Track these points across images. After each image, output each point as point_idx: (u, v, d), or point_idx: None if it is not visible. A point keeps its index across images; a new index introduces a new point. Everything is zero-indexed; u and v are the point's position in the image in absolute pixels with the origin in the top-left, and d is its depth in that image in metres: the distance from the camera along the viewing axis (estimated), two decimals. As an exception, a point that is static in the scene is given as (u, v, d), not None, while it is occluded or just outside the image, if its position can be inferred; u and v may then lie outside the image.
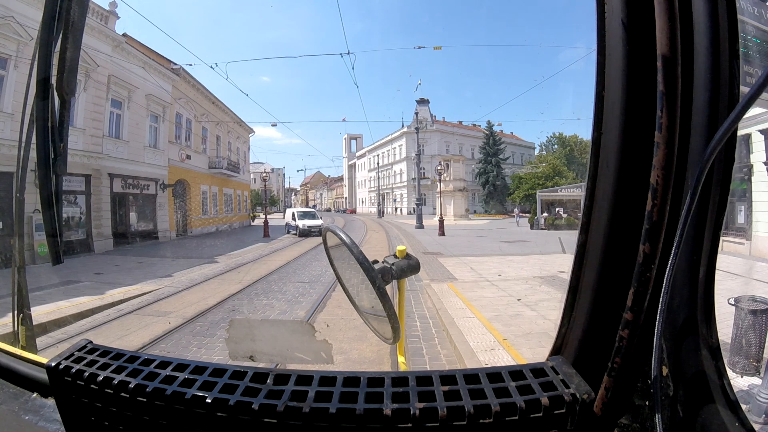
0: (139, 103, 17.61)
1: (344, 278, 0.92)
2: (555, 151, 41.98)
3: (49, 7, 0.90)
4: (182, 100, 21.55)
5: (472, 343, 4.69)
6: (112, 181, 15.71)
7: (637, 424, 0.55)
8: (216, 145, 25.89)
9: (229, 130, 28.10)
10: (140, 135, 17.84)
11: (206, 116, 24.33)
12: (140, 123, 17.85)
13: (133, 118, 17.21)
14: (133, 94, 17.08)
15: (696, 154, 0.53)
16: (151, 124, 18.82)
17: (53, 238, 0.95)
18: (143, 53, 17.81)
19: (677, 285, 0.54)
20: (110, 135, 15.88)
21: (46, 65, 0.91)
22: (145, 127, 18.32)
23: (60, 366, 0.68)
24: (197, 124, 23.41)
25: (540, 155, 43.26)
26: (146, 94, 18.08)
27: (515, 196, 37.91)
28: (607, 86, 0.58)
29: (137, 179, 17.38)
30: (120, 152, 16.24)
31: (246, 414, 0.55)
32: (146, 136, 18.37)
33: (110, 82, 15.61)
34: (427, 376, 0.59)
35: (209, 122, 24.76)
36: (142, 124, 18.06)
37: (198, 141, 23.63)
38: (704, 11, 0.52)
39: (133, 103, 17.16)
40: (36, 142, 0.93)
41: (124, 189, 16.61)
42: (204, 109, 24.04)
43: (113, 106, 16.15)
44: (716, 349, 0.56)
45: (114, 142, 15.99)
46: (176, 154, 20.70)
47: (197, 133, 23.53)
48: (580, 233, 0.62)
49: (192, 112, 22.73)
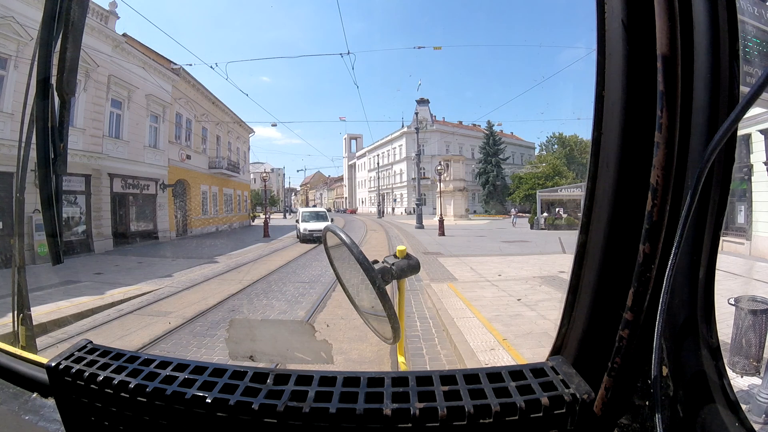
0: (139, 103, 17.51)
1: (344, 278, 0.92)
2: (555, 151, 41.84)
3: (49, 7, 0.90)
4: (182, 100, 21.43)
5: (472, 343, 4.68)
6: (112, 181, 15.65)
7: (637, 424, 0.55)
8: (216, 145, 25.79)
9: (229, 130, 27.97)
10: (140, 135, 17.72)
11: (206, 116, 24.22)
12: (140, 123, 17.74)
13: (133, 118, 17.14)
14: (133, 94, 16.98)
15: (696, 154, 0.53)
16: (151, 124, 18.69)
17: (53, 238, 0.95)
18: (143, 53, 17.72)
19: (677, 285, 0.54)
20: (110, 135, 15.81)
21: (46, 65, 0.91)
22: (145, 127, 18.20)
23: (60, 366, 0.68)
24: (197, 124, 23.28)
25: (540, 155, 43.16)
26: (146, 94, 17.98)
27: (515, 196, 37.78)
28: (607, 86, 0.58)
29: (137, 179, 17.27)
30: (120, 152, 16.18)
31: (246, 414, 0.55)
32: (146, 136, 18.25)
33: (110, 82, 15.56)
34: (427, 376, 0.59)
35: (209, 122, 24.64)
36: (142, 124, 17.94)
37: (198, 141, 23.51)
38: (704, 11, 0.52)
39: (133, 103, 17.09)
40: (36, 142, 0.93)
41: (124, 189, 16.56)
42: (204, 109, 23.94)
43: (113, 106, 16.07)
44: (716, 349, 0.56)
45: (114, 142, 15.93)
46: (176, 154, 20.57)
47: (197, 133, 23.39)
48: (580, 233, 0.62)
49: (192, 112, 22.62)
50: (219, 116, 26.13)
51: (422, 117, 33.33)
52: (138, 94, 17.30)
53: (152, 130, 18.85)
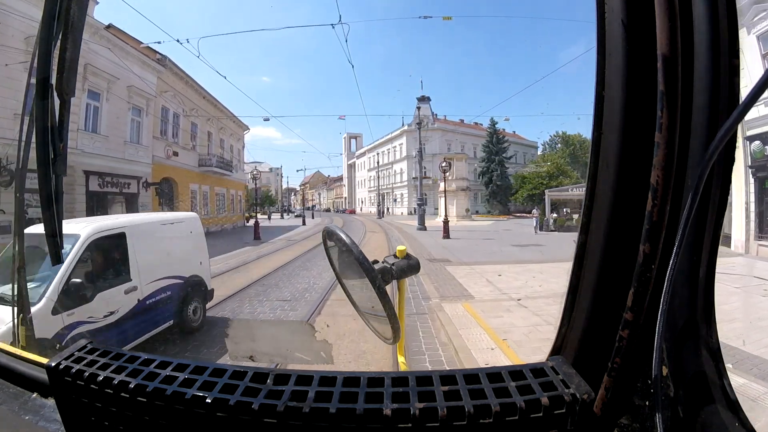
0: (120, 96, 15.97)
1: (344, 278, 0.92)
2: (559, 150, 41.13)
3: (48, 7, 0.90)
4: (169, 93, 19.95)
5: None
6: (88, 179, 14.38)
7: (637, 424, 0.55)
8: (207, 142, 24.29)
9: (222, 126, 26.48)
10: (121, 129, 16.31)
11: (196, 111, 22.62)
12: (121, 117, 16.28)
13: (113, 111, 15.76)
14: (112, 86, 15.57)
15: (696, 154, 0.53)
16: (133, 118, 17.24)
17: (53, 239, 0.95)
18: (124, 41, 16.19)
19: (677, 285, 0.54)
20: (86, 129, 14.59)
21: (46, 65, 0.91)
22: (127, 121, 16.79)
23: (60, 366, 0.68)
24: (186, 119, 21.75)
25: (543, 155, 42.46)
26: (128, 86, 16.46)
27: (518, 196, 37.18)
28: (607, 86, 0.57)
29: (117, 177, 15.84)
30: (97, 148, 14.92)
31: (246, 414, 0.55)
32: (127, 131, 16.82)
33: (87, 71, 14.18)
34: (427, 376, 0.59)
35: (199, 117, 23.10)
36: (123, 117, 16.47)
37: (187, 137, 22.04)
38: (704, 11, 0.52)
39: (113, 95, 15.60)
40: (36, 142, 0.93)
41: (102, 188, 15.19)
42: (194, 103, 22.35)
43: (90, 97, 14.75)
44: (716, 349, 0.56)
45: (90, 136, 14.68)
46: (162, 151, 19.22)
47: (186, 129, 21.87)
48: (580, 233, 0.62)
49: (180, 106, 21.02)
50: (210, 111, 24.55)
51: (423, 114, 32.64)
52: (119, 85, 15.82)
53: (134, 125, 17.41)
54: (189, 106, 21.96)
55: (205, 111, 23.89)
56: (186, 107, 21.68)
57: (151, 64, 18.28)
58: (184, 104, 21.48)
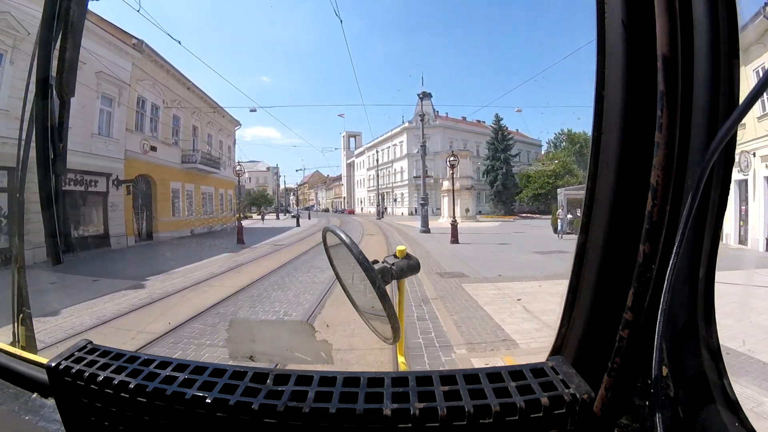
0: (86, 83, 13.70)
1: (344, 278, 0.92)
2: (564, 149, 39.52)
3: (48, 7, 0.90)
4: (147, 81, 17.77)
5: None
6: None
7: (637, 424, 0.55)
8: (192, 137, 21.99)
9: (210, 121, 24.11)
10: (87, 120, 14.23)
11: (178, 103, 20.29)
12: (87, 106, 14.21)
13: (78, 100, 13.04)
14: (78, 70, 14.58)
15: (696, 154, 0.53)
16: (102, 108, 15.16)
17: (53, 239, 0.95)
18: (91, 21, 13.46)
19: (677, 285, 0.54)
20: None
21: (46, 65, 0.92)
22: (95, 111, 14.73)
23: (60, 366, 0.68)
24: (167, 112, 19.53)
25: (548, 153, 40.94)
26: (96, 71, 14.39)
27: (522, 196, 36.09)
28: (607, 86, 0.58)
29: (81, 174, 13.76)
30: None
31: (246, 414, 0.55)
32: (95, 122, 14.75)
33: None
34: (427, 376, 0.59)
35: (183, 110, 20.71)
36: (90, 107, 14.38)
37: (168, 131, 19.70)
38: (704, 11, 0.52)
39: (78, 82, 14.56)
40: (36, 142, 0.93)
41: (63, 185, 13.94)
42: (176, 94, 20.07)
43: None
44: (716, 349, 0.56)
45: None
46: (137, 145, 17.05)
47: (166, 123, 19.52)
48: (580, 233, 0.63)
49: (159, 96, 18.77)
50: (196, 104, 22.12)
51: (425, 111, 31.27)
52: (85, 70, 13.40)
53: (104, 115, 15.33)
54: (170, 97, 19.76)
55: (189, 103, 21.51)
56: (167, 98, 19.54)
57: (124, 49, 16.19)
58: (164, 95, 19.33)
